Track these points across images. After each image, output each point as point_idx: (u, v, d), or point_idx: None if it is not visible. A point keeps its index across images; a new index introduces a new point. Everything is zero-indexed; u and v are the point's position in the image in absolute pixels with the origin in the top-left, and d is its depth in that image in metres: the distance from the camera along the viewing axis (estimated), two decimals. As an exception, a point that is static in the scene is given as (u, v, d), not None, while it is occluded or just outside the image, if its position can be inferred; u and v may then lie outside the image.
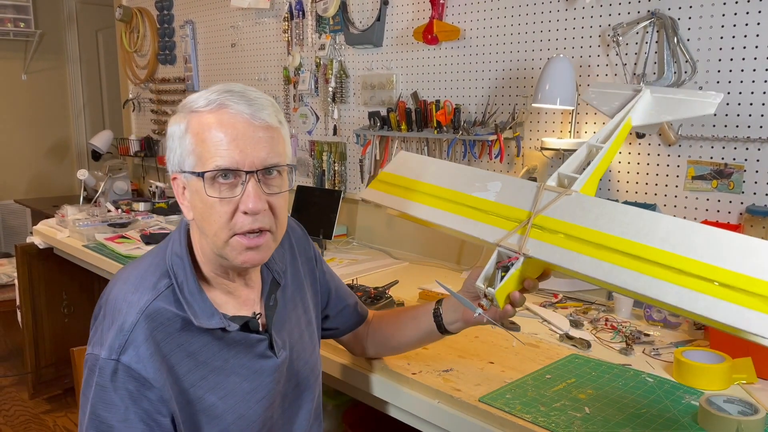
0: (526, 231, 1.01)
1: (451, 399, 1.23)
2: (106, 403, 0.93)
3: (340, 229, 2.63)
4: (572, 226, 0.98)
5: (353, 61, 2.60)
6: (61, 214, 2.97)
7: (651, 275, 0.88)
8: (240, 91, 0.97)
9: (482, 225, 1.08)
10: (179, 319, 0.98)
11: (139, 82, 4.02)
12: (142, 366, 0.93)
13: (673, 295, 0.85)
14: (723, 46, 1.62)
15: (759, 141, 1.58)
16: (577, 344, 1.48)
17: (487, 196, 1.11)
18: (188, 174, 0.97)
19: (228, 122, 0.94)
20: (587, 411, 1.16)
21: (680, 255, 0.87)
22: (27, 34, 5.03)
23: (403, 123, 2.28)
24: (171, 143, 0.99)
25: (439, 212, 1.16)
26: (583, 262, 0.94)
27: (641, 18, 1.74)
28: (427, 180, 1.23)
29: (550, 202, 1.04)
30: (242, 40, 3.17)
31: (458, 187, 1.17)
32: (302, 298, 1.20)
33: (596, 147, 1.17)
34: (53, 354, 3.15)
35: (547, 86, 1.80)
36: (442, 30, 2.19)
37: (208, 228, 0.97)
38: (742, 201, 1.62)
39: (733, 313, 0.80)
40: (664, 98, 1.32)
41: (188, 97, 1.00)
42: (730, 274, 0.83)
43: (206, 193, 0.94)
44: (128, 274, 1.03)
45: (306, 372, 1.17)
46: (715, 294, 0.83)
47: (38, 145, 5.30)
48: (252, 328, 1.05)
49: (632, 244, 0.91)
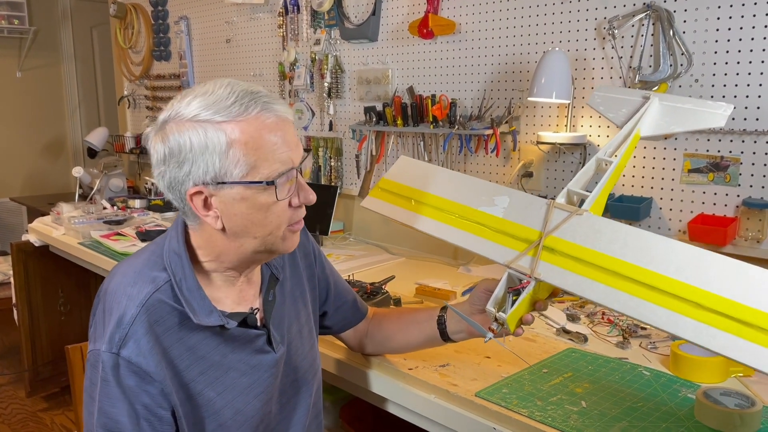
0: (537, 253, 0.98)
1: (448, 394, 1.23)
2: (110, 398, 0.93)
3: (337, 225, 2.62)
4: (585, 249, 0.95)
5: (348, 56, 2.59)
6: (57, 212, 2.96)
7: (667, 308, 0.85)
8: (259, 90, 0.96)
9: (490, 243, 1.06)
10: (178, 313, 0.97)
11: (134, 79, 4.00)
12: (143, 359, 0.93)
13: (690, 330, 0.82)
14: (719, 38, 1.61)
15: (755, 133, 1.57)
16: (573, 338, 1.47)
17: (495, 212, 1.08)
18: (236, 185, 0.93)
19: (275, 125, 0.94)
20: (584, 405, 1.16)
21: (696, 287, 0.84)
22: (21, 31, 5.00)
23: (399, 118, 2.27)
24: (193, 156, 0.92)
25: (445, 227, 1.13)
26: (598, 290, 0.91)
27: (637, 10, 1.73)
28: (430, 191, 1.19)
29: (560, 222, 1.01)
30: (237, 35, 3.15)
31: (464, 200, 1.14)
32: (301, 294, 1.20)
33: (605, 161, 1.14)
34: (50, 352, 3.14)
35: (542, 80, 1.79)
36: (438, 24, 2.18)
37: (260, 231, 0.97)
38: (738, 194, 1.62)
39: (753, 353, 0.78)
40: (673, 107, 1.28)
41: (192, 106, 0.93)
42: (748, 311, 0.80)
43: (277, 197, 0.95)
44: (126, 269, 1.02)
45: (304, 367, 1.17)
46: (733, 331, 0.80)
47: (34, 143, 5.28)
48: (250, 323, 1.05)
49: (647, 273, 0.88)
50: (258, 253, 1.01)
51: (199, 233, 1.01)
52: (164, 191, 0.98)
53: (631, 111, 1.30)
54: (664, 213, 1.75)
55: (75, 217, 2.82)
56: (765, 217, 1.57)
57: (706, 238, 1.63)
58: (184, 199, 0.96)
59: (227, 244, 0.99)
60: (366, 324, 1.34)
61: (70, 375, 1.53)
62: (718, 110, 1.24)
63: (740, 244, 1.62)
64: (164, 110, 0.96)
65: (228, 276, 1.04)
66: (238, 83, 0.95)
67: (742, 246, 1.61)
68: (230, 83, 0.95)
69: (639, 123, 1.24)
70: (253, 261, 1.04)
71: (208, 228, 0.99)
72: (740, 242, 1.62)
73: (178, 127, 0.93)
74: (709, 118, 1.24)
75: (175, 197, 0.98)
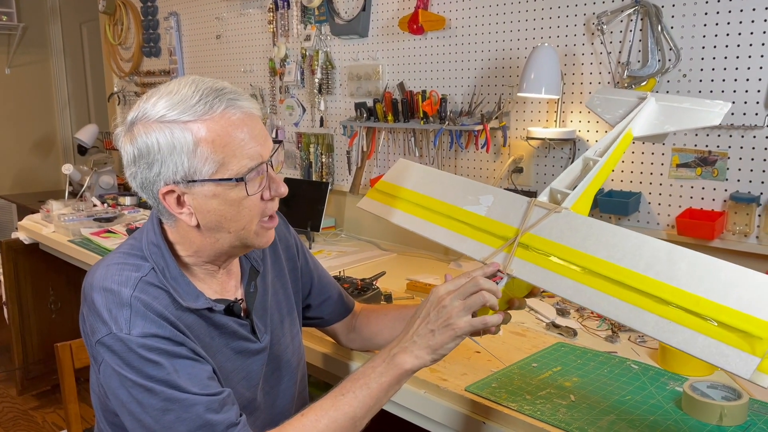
0: (512, 250, 0.99)
1: (438, 389, 1.23)
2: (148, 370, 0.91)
3: (328, 221, 2.62)
4: (558, 246, 0.96)
5: (339, 51, 2.58)
6: (47, 209, 2.94)
7: (631, 303, 0.85)
8: (224, 87, 0.96)
9: (470, 241, 1.07)
10: (168, 295, 0.99)
11: (124, 75, 3.98)
12: (158, 328, 0.93)
13: (651, 325, 0.82)
14: (707, 33, 1.62)
15: (742, 128, 1.58)
16: (563, 332, 1.48)
17: (478, 211, 1.09)
18: (206, 182, 0.94)
19: (241, 121, 0.95)
20: (572, 398, 1.17)
21: (663, 282, 0.84)
22: (9, 27, 4.96)
23: (389, 114, 2.27)
24: (162, 156, 0.93)
25: (430, 225, 1.14)
26: (565, 286, 0.92)
27: (625, 6, 1.74)
28: (423, 191, 1.21)
29: (538, 220, 1.01)
30: (227, 31, 3.14)
31: (452, 200, 1.15)
32: (283, 285, 1.22)
33: (593, 160, 1.13)
34: (41, 350, 3.13)
35: (532, 75, 1.80)
36: (428, 20, 2.18)
37: (233, 225, 0.99)
38: (726, 188, 1.63)
39: (711, 349, 0.77)
40: (670, 107, 1.26)
41: (158, 107, 0.94)
42: (712, 306, 0.79)
43: (247, 192, 0.96)
44: (107, 262, 1.02)
45: (287, 356, 1.19)
46: (694, 327, 0.79)
47: (23, 140, 5.24)
48: (235, 311, 1.07)
49: (616, 269, 0.88)
50: (234, 247, 1.03)
51: (176, 230, 1.03)
52: (138, 191, 1.00)
53: (627, 111, 1.28)
54: (653, 208, 1.76)
55: (65, 214, 2.80)
56: (752, 212, 1.58)
57: (694, 233, 1.64)
58: (157, 199, 0.98)
59: (203, 240, 1.01)
60: (353, 319, 1.35)
61: (59, 373, 1.53)
62: (714, 108, 1.22)
63: (728, 239, 1.63)
64: (132, 110, 0.97)
65: (208, 269, 1.06)
66: (203, 80, 0.96)
67: (730, 240, 1.62)
68: (194, 81, 0.96)
69: (631, 123, 1.23)
70: (230, 255, 1.06)
71: (183, 225, 1.00)
72: (728, 236, 1.63)
73: (145, 129, 0.94)
74: (706, 117, 1.23)
75: (149, 196, 1.00)
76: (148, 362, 0.91)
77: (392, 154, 2.41)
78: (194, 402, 0.91)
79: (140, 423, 0.92)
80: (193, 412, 0.91)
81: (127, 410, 0.93)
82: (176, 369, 0.92)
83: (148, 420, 0.91)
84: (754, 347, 0.74)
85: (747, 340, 0.75)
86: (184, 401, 0.91)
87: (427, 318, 0.95)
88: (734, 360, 0.75)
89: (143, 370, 0.91)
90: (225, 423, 0.93)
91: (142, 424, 0.92)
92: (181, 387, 0.91)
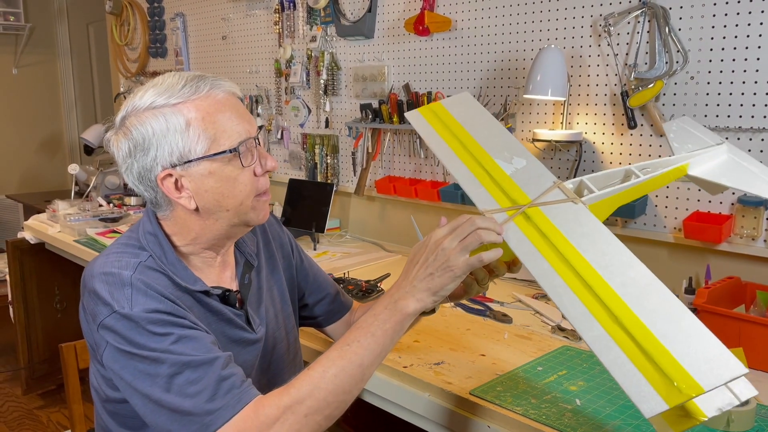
0: (514, 214, 1.00)
1: (442, 392, 1.23)
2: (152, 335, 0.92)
3: (333, 223, 2.62)
4: (556, 231, 0.96)
5: (345, 53, 2.58)
6: (53, 209, 2.95)
7: (588, 308, 0.85)
8: (206, 74, 1.03)
9: (483, 190, 1.07)
10: (167, 277, 1.01)
11: (130, 76, 3.99)
12: (157, 303, 0.94)
13: (594, 334, 0.82)
14: (714, 35, 1.61)
15: (751, 131, 1.57)
16: (568, 336, 1.47)
17: (506, 169, 1.10)
18: (202, 160, 0.98)
19: (226, 99, 1.01)
20: (578, 403, 1.16)
21: (627, 305, 0.83)
22: (17, 27, 4.98)
23: (395, 115, 2.27)
24: (156, 140, 0.97)
25: (456, 160, 1.15)
26: (541, 267, 0.92)
27: (632, 7, 1.73)
28: (468, 128, 1.21)
29: (552, 200, 1.02)
30: (233, 32, 3.14)
31: (488, 148, 1.16)
32: (277, 281, 1.23)
33: (634, 174, 1.12)
34: (46, 350, 3.13)
35: (538, 77, 1.79)
36: (434, 21, 2.18)
37: (231, 202, 1.02)
38: (733, 191, 1.61)
39: (633, 379, 0.76)
40: (736, 162, 1.24)
41: (146, 97, 0.99)
42: (657, 345, 0.78)
43: (242, 164, 1.00)
44: (106, 253, 1.03)
45: (282, 351, 1.19)
46: (630, 354, 0.79)
47: (30, 140, 5.26)
48: (231, 301, 1.08)
49: (593, 273, 0.88)
50: (233, 226, 1.05)
51: (172, 221, 1.05)
52: (134, 185, 1.02)
53: (695, 148, 1.27)
54: (660, 210, 1.75)
55: (71, 214, 2.81)
56: (760, 215, 1.57)
57: (701, 236, 1.63)
58: (155, 187, 1.01)
59: (202, 224, 1.03)
60: (351, 317, 1.35)
61: (64, 374, 1.53)
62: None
63: (735, 242, 1.62)
64: (120, 111, 1.02)
65: (205, 258, 1.08)
66: (186, 72, 1.03)
67: (738, 243, 1.61)
68: (177, 72, 1.04)
69: (693, 158, 1.22)
70: (229, 236, 1.08)
71: (181, 212, 1.03)
72: (735, 240, 1.62)
73: (138, 119, 0.99)
74: (762, 188, 1.20)
75: (146, 187, 1.02)
76: (151, 335, 0.92)
77: (397, 156, 2.41)
78: (202, 361, 0.92)
79: (150, 398, 0.91)
80: (202, 370, 0.91)
81: (135, 389, 0.92)
82: (180, 338, 0.93)
83: (157, 393, 0.90)
84: (670, 396, 0.73)
85: (669, 388, 0.74)
86: (190, 363, 0.91)
87: (426, 262, 0.95)
88: (646, 397, 0.74)
89: (147, 344, 0.91)
90: (239, 376, 0.93)
91: (152, 399, 0.91)
92: (187, 353, 0.92)
